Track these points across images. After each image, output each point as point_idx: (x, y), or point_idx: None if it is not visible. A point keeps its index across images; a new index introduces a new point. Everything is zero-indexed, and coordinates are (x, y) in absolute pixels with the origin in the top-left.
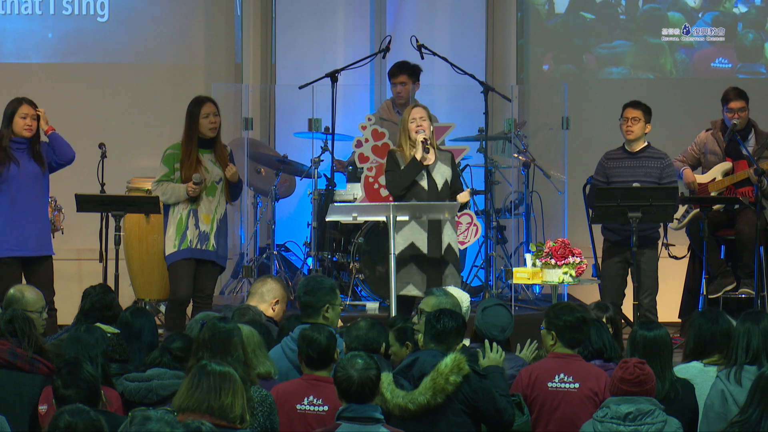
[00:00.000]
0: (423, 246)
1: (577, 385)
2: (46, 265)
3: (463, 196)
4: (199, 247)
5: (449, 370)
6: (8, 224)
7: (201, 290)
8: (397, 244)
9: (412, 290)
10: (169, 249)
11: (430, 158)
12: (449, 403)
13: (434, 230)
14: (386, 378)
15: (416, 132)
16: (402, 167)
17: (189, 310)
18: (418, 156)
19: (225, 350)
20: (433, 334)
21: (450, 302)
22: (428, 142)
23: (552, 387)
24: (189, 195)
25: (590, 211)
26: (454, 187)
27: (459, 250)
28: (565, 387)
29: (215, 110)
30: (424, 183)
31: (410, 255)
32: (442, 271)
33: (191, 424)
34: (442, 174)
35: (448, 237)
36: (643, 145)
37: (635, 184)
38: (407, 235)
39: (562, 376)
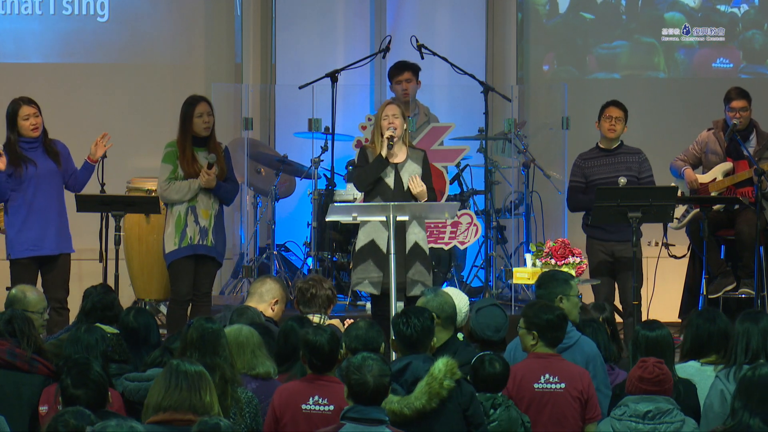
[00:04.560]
0: (382, 244)
1: (563, 385)
2: (62, 264)
3: (414, 186)
4: (200, 242)
5: (443, 375)
6: (26, 225)
7: (198, 288)
8: (359, 240)
9: (367, 287)
10: (170, 247)
11: (399, 156)
12: (443, 407)
13: (397, 229)
14: None
15: (387, 129)
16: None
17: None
18: (384, 153)
19: (214, 350)
20: (405, 344)
21: (437, 302)
22: (393, 139)
23: (538, 388)
24: (203, 185)
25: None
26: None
27: (427, 248)
28: (551, 387)
29: (209, 110)
30: (390, 181)
31: (369, 252)
32: (407, 271)
33: (209, 421)
34: (410, 172)
35: (414, 236)
36: (618, 143)
37: (622, 179)
38: (368, 231)
39: (547, 376)
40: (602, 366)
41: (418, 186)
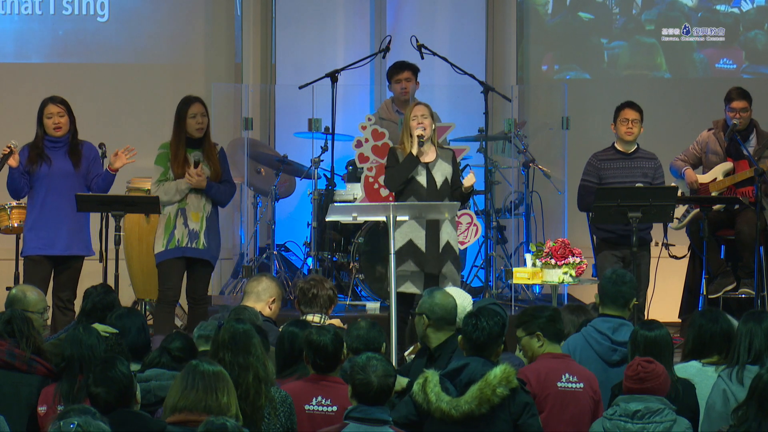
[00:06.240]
0: (421, 243)
1: (581, 385)
2: (73, 266)
3: (469, 179)
4: (189, 245)
5: (497, 382)
6: (37, 223)
7: (194, 292)
8: (396, 241)
9: (409, 287)
10: (158, 248)
11: (429, 155)
12: (493, 414)
13: (432, 228)
14: (433, 379)
15: (417, 128)
16: None
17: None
18: (414, 152)
19: (246, 350)
20: (471, 345)
21: (429, 303)
22: (423, 138)
23: (561, 387)
24: (192, 185)
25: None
26: (455, 185)
27: (459, 248)
28: (572, 387)
29: (203, 110)
30: (423, 180)
31: (408, 252)
32: (439, 269)
33: (215, 421)
34: (442, 172)
35: (447, 235)
36: (635, 147)
37: (638, 185)
38: (406, 232)
39: (567, 376)
40: None
41: (472, 179)
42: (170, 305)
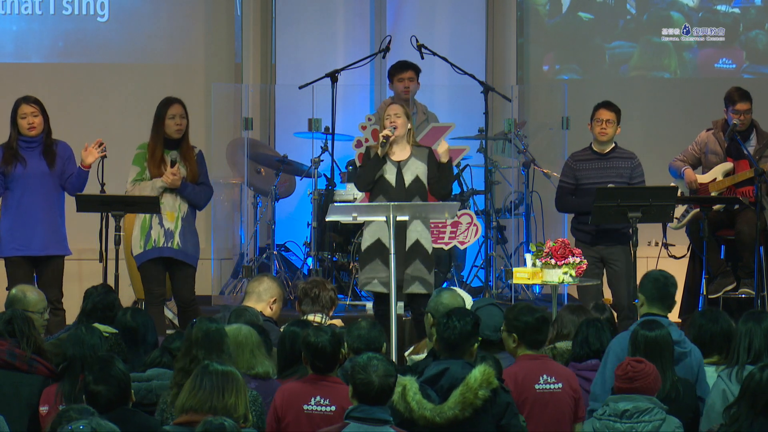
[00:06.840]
0: (388, 242)
1: (560, 385)
2: (53, 265)
3: (442, 146)
4: (165, 245)
5: (478, 384)
6: (14, 224)
7: (181, 297)
8: (364, 240)
9: (376, 286)
10: (136, 250)
11: (402, 154)
12: (476, 416)
13: (398, 227)
14: (412, 386)
15: (387, 128)
16: None
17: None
18: (380, 152)
19: (219, 348)
20: (445, 346)
21: (433, 302)
22: (388, 138)
23: (539, 389)
24: (167, 185)
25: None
26: (433, 180)
27: (432, 247)
28: (550, 388)
29: (182, 112)
30: (392, 179)
31: (376, 251)
32: (405, 267)
33: (213, 421)
34: (413, 171)
35: (416, 234)
36: (612, 146)
37: (609, 185)
38: (374, 230)
39: (545, 377)
40: (704, 372)
41: (444, 146)
42: (159, 305)
